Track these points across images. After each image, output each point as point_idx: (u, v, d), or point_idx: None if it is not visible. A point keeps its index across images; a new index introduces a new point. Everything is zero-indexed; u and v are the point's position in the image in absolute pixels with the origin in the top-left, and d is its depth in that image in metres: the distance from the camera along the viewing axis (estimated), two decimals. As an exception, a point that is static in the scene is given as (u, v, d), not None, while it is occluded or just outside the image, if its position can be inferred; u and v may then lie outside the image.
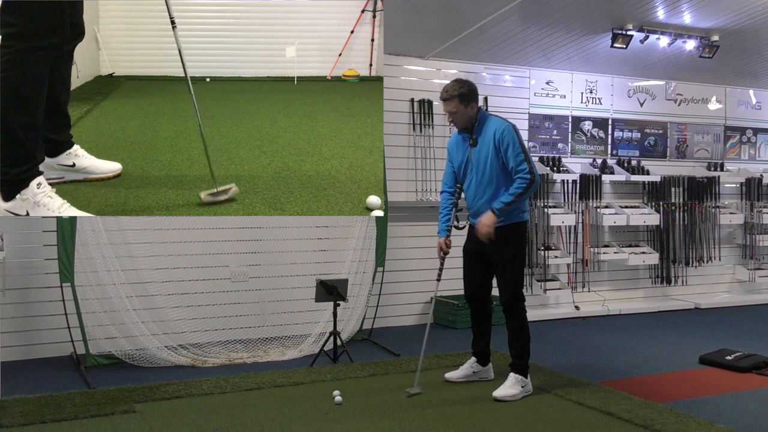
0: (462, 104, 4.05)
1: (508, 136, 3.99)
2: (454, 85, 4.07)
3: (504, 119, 4.10)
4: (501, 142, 4.00)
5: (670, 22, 6.23)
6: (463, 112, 4.07)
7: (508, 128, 4.02)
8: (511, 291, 4.11)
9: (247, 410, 3.82)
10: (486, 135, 4.07)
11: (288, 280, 5.75)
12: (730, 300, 7.92)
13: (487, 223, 4.01)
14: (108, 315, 4.93)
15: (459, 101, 4.04)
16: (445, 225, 4.28)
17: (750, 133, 8.40)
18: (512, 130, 4.02)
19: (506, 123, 4.07)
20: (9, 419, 3.57)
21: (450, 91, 4.06)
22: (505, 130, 4.00)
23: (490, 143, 4.03)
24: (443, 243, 4.25)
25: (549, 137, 7.23)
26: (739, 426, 3.70)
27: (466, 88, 4.06)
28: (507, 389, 4.07)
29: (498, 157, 4.03)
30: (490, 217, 4.00)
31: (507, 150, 3.99)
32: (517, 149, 3.97)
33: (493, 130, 4.04)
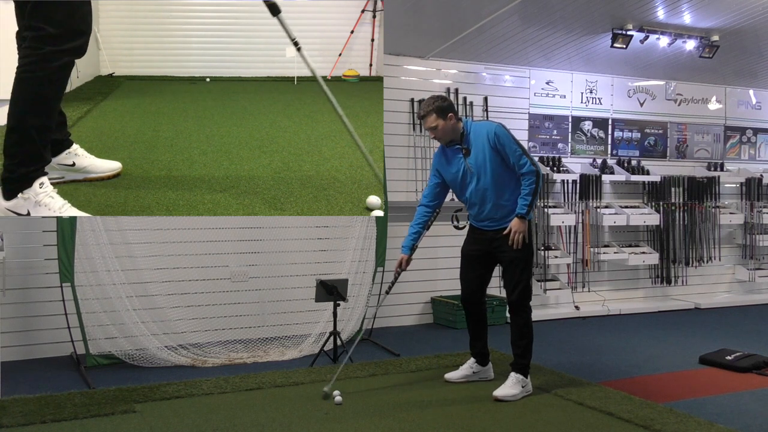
0: (441, 118, 4.05)
1: (502, 135, 4.01)
2: (429, 101, 4.09)
3: (489, 121, 4.13)
4: (497, 142, 4.01)
5: (670, 22, 6.23)
6: (443, 125, 4.07)
7: (499, 128, 4.05)
8: (521, 290, 4.11)
9: (247, 410, 3.82)
10: (478, 140, 4.07)
11: (288, 280, 5.75)
12: (730, 300, 7.92)
13: (519, 230, 4.03)
14: (108, 315, 4.93)
15: (437, 115, 4.05)
16: (411, 241, 4.28)
17: (750, 133, 8.40)
18: (503, 129, 4.05)
19: (494, 123, 4.10)
20: (9, 419, 3.57)
21: (425, 108, 4.07)
22: (497, 130, 4.02)
23: (485, 146, 4.04)
24: (404, 260, 4.28)
25: (549, 137, 7.23)
26: (739, 426, 3.70)
27: (440, 102, 4.08)
28: (507, 389, 4.07)
29: (497, 157, 4.03)
30: (520, 223, 4.02)
31: (504, 149, 4.01)
32: (514, 146, 4.00)
33: (484, 133, 4.05)
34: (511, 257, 4.11)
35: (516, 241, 4.04)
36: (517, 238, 4.04)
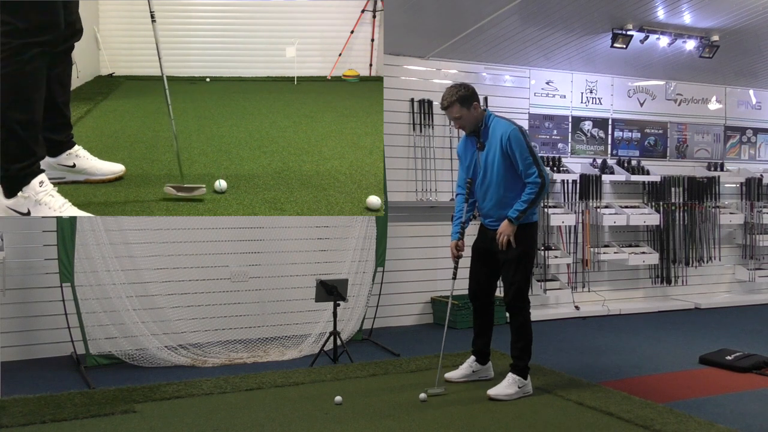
0: (464, 107, 4.04)
1: (515, 140, 3.97)
2: (451, 91, 4.06)
3: (510, 121, 4.08)
4: (509, 147, 3.99)
5: (670, 22, 6.23)
6: (468, 114, 4.06)
7: (515, 132, 3.99)
8: (516, 291, 4.11)
9: (247, 410, 3.82)
10: (493, 139, 4.06)
11: (288, 280, 5.74)
12: (730, 300, 7.92)
13: (505, 232, 4.03)
14: (108, 315, 4.93)
15: (460, 105, 4.04)
16: (458, 227, 4.29)
17: (750, 133, 8.40)
18: (519, 134, 3.99)
19: (513, 126, 4.04)
20: (9, 419, 3.58)
21: (448, 98, 4.05)
22: (512, 135, 3.98)
23: (497, 147, 4.02)
24: (454, 246, 4.27)
25: (549, 137, 7.23)
26: (739, 426, 3.70)
27: (464, 91, 4.05)
28: (502, 389, 4.07)
29: (505, 161, 4.02)
30: (507, 226, 4.02)
31: (515, 155, 3.98)
32: (525, 153, 3.96)
33: (500, 133, 4.02)
34: (506, 258, 4.12)
35: (501, 243, 4.04)
36: (503, 240, 4.04)
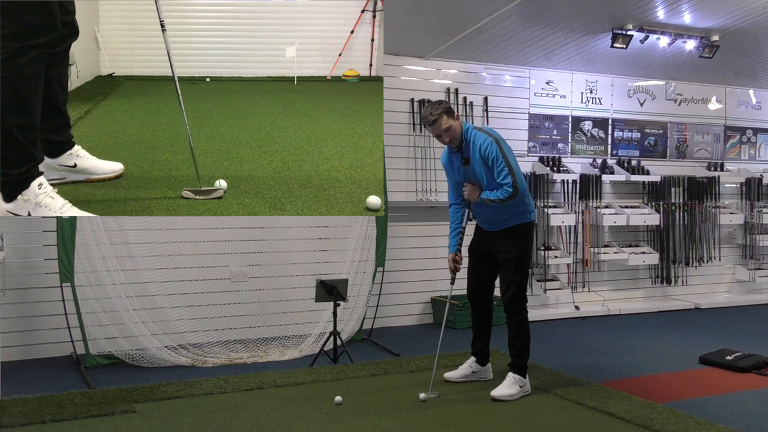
0: (451, 118, 4.07)
1: (490, 150, 4.02)
2: (434, 106, 4.08)
3: (488, 133, 4.10)
4: (487, 158, 4.04)
5: (670, 22, 6.23)
6: (455, 124, 4.09)
7: (490, 143, 4.04)
8: (514, 291, 4.13)
9: (247, 410, 3.82)
10: (474, 151, 4.10)
11: (288, 280, 5.74)
12: (730, 300, 7.92)
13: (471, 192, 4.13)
14: (108, 315, 4.93)
15: (447, 116, 4.06)
16: (455, 239, 4.30)
17: (750, 133, 8.40)
18: (494, 144, 4.03)
19: (489, 137, 4.07)
20: (9, 419, 3.58)
21: (435, 113, 4.06)
22: (489, 146, 4.03)
23: (479, 160, 4.08)
24: (452, 258, 4.28)
25: (549, 137, 7.23)
26: (739, 426, 3.70)
27: (446, 104, 4.13)
28: (504, 389, 4.08)
29: (489, 171, 4.07)
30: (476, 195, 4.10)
31: (492, 164, 4.03)
32: (501, 163, 4.00)
33: (478, 145, 4.07)
34: (504, 258, 4.14)
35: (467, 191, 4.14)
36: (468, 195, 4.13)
